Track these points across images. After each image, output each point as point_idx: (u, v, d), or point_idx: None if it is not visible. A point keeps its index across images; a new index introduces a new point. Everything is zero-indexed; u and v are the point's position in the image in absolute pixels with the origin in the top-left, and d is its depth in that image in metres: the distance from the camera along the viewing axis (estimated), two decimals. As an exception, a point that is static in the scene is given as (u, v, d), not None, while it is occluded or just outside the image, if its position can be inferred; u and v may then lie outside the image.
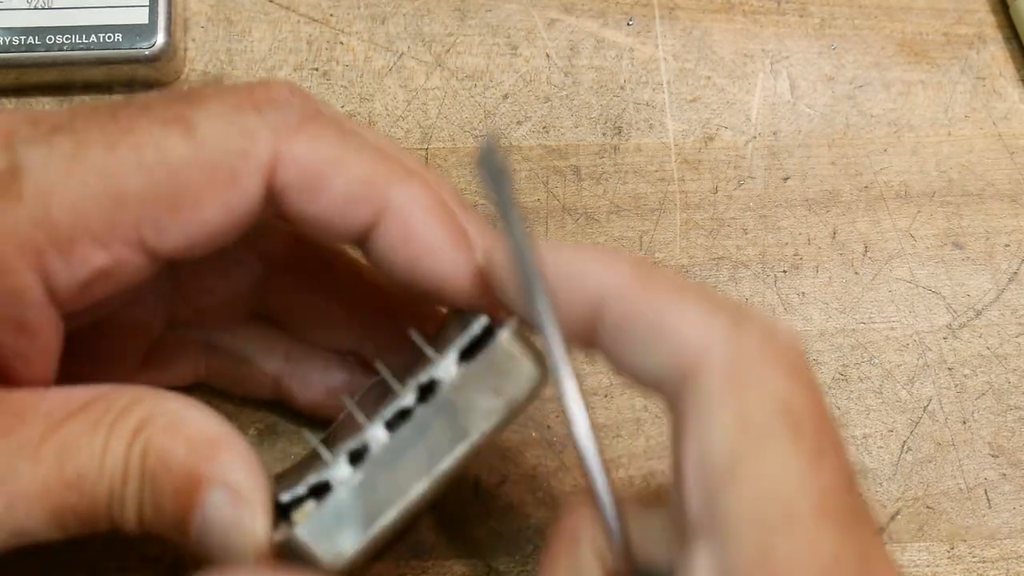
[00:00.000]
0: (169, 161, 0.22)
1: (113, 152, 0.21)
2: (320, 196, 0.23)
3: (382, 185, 0.23)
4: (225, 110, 0.22)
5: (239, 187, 0.22)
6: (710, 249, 0.34)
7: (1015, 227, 0.35)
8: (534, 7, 0.37)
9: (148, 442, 0.22)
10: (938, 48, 0.38)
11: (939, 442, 0.31)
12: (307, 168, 0.22)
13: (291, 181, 0.22)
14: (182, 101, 0.23)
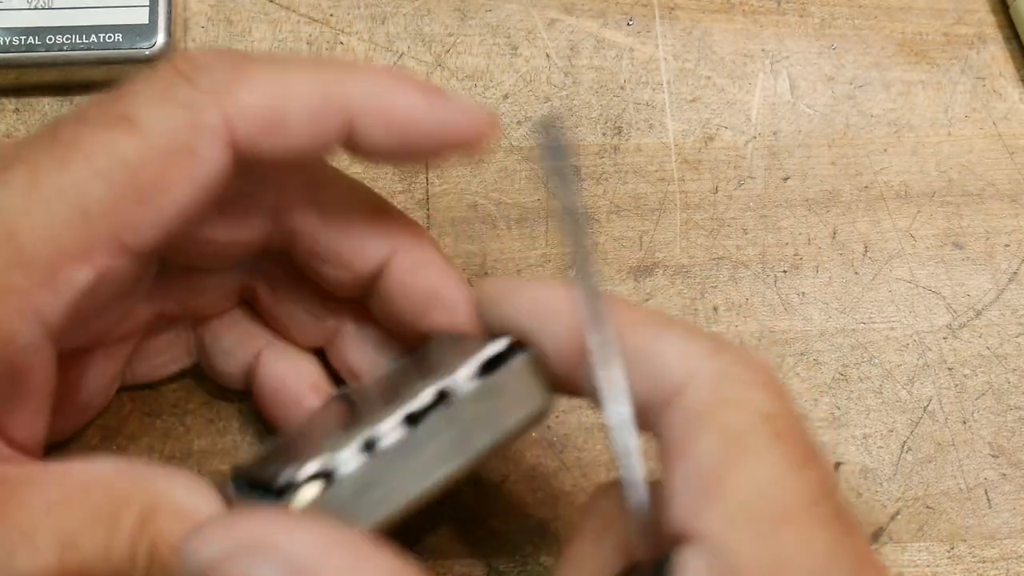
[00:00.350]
0: (124, 160, 0.22)
1: (67, 169, 0.21)
2: (287, 130, 0.23)
3: (337, 87, 0.23)
4: (159, 93, 0.22)
5: (200, 159, 0.22)
6: (710, 249, 0.34)
7: (1015, 227, 0.35)
8: (534, 7, 0.37)
9: (158, 535, 0.21)
10: (938, 48, 0.38)
11: (939, 442, 0.31)
12: (261, 111, 0.23)
13: (252, 130, 0.23)
14: (114, 101, 0.22)
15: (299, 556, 0.19)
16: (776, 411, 0.21)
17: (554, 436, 0.31)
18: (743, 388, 0.21)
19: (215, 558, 0.19)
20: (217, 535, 0.20)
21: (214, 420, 0.30)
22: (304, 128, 0.23)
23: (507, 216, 0.34)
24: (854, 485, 0.30)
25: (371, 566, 0.19)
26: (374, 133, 0.23)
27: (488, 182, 0.34)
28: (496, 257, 0.33)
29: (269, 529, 0.19)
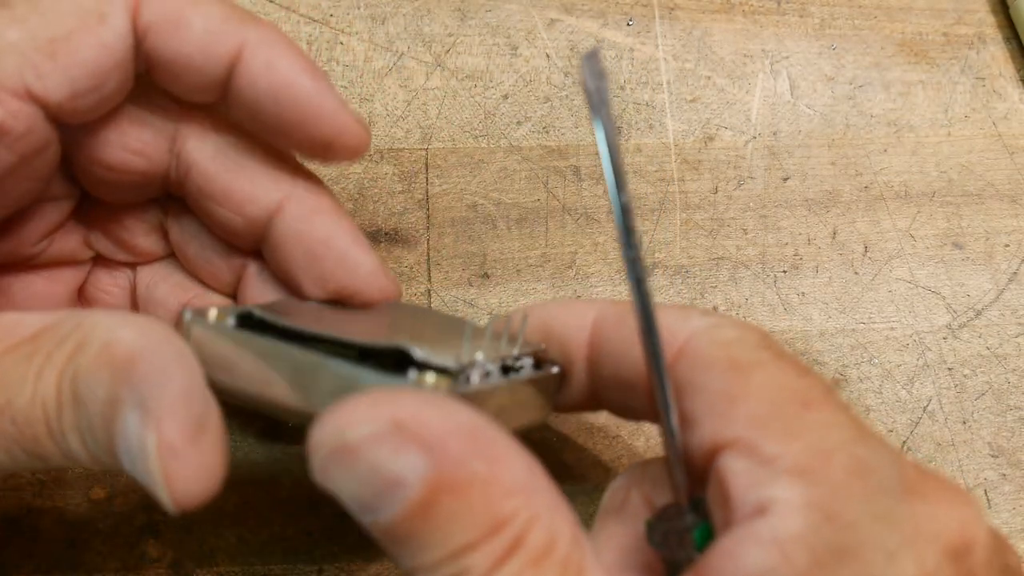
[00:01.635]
0: (41, 10, 0.23)
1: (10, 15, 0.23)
2: (181, 32, 0.24)
3: (238, 21, 0.25)
4: None
5: (108, 25, 0.24)
6: (710, 249, 0.34)
7: (1015, 227, 0.35)
8: (534, 7, 0.37)
9: (77, 368, 0.21)
10: (938, 48, 0.38)
11: (939, 442, 0.31)
12: (168, 6, 0.24)
13: (154, 20, 0.24)
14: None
15: (447, 447, 0.19)
16: (769, 341, 0.23)
17: (554, 436, 0.31)
18: (738, 330, 0.23)
19: (361, 437, 0.19)
20: (362, 413, 0.19)
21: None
22: (197, 40, 0.24)
23: (507, 216, 0.34)
24: (854, 485, 0.30)
25: (513, 464, 0.19)
26: (256, 80, 0.25)
27: (488, 182, 0.34)
28: (496, 257, 0.33)
29: (419, 414, 0.19)
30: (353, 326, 0.24)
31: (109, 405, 0.20)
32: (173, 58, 0.25)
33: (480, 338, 0.24)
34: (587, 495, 0.30)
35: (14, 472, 0.23)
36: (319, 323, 0.24)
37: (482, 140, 0.35)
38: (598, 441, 0.31)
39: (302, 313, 0.25)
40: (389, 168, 0.34)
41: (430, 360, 0.22)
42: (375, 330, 0.24)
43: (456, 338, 0.24)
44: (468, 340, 0.23)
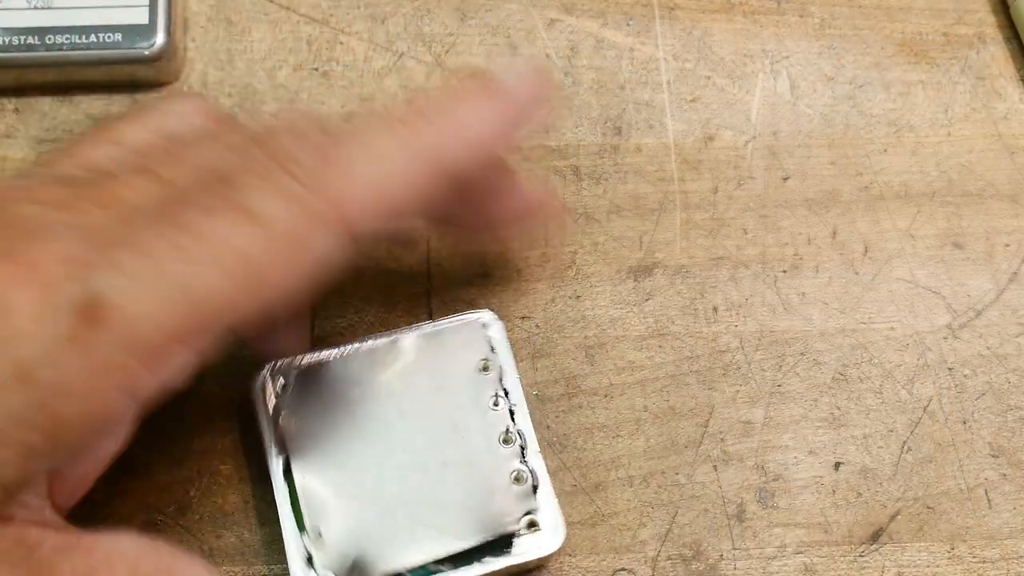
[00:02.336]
0: (243, 253, 0.22)
1: (188, 261, 0.22)
2: (391, 205, 0.24)
3: (428, 154, 0.24)
4: (267, 184, 0.23)
5: (313, 247, 0.23)
6: (710, 249, 0.34)
7: (1015, 227, 0.35)
8: (534, 7, 0.37)
9: None
10: (938, 48, 0.38)
11: (939, 442, 0.31)
12: (366, 201, 0.23)
13: (359, 216, 0.23)
14: (226, 190, 0.23)
15: None
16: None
17: (554, 436, 0.31)
18: None
19: None
20: None
21: (214, 419, 0.30)
22: (408, 200, 0.24)
23: (507, 216, 0.34)
24: (854, 485, 0.30)
25: None
26: (475, 163, 0.25)
27: (488, 182, 0.34)
28: (496, 257, 0.33)
29: None
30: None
31: None
32: (382, 227, 0.24)
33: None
34: (587, 495, 0.30)
35: None
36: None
37: (482, 140, 0.35)
38: (598, 441, 0.31)
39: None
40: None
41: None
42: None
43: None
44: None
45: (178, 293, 0.21)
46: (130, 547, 0.23)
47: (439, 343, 0.29)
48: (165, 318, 0.21)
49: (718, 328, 0.32)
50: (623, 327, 0.32)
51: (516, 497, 0.28)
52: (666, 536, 0.29)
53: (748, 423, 0.31)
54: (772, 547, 0.29)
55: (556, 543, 0.28)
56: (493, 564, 0.27)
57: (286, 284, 0.23)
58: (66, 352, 0.21)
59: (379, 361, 0.29)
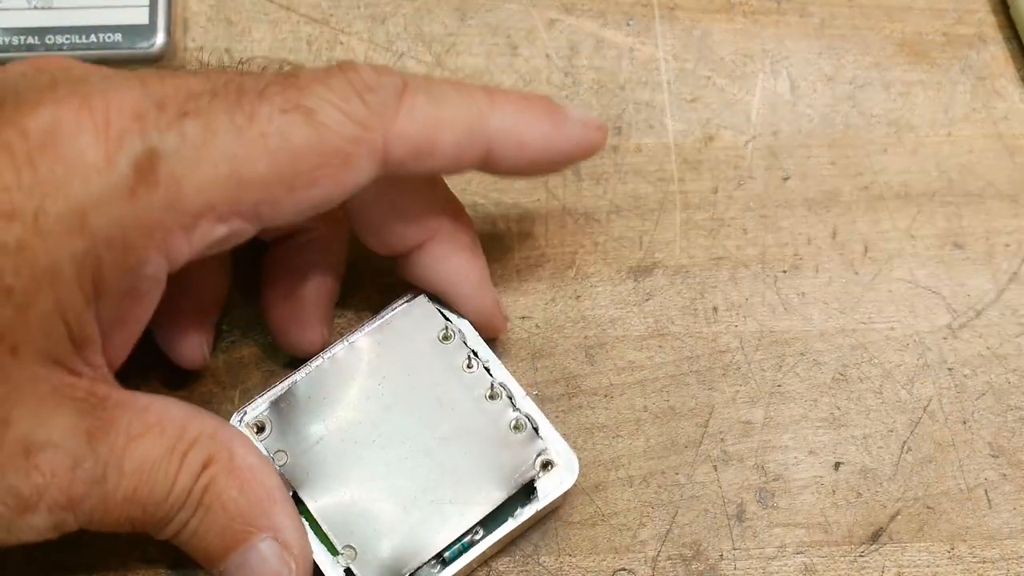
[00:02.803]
0: (292, 147, 0.23)
1: (240, 139, 0.23)
2: (434, 156, 0.26)
3: (480, 120, 0.26)
4: (336, 100, 0.24)
5: (353, 168, 0.24)
6: (710, 249, 0.34)
7: (1015, 227, 0.35)
8: (534, 7, 0.37)
9: (212, 480, 0.25)
10: (938, 48, 0.38)
11: (939, 442, 0.31)
12: (416, 139, 0.25)
13: (404, 155, 0.25)
14: (293, 88, 0.24)
15: None
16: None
17: (554, 436, 0.31)
18: None
19: None
20: None
21: (214, 420, 0.30)
22: (449, 155, 0.26)
23: (507, 216, 0.34)
24: (854, 485, 0.30)
25: None
26: (508, 157, 0.27)
27: (488, 182, 0.34)
28: (496, 257, 0.33)
29: None
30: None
31: (239, 523, 0.25)
32: (428, 173, 0.27)
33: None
34: (587, 495, 0.30)
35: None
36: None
37: (482, 140, 0.35)
38: (598, 441, 0.31)
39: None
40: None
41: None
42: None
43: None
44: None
45: (227, 168, 0.23)
46: (178, 412, 0.25)
47: (393, 331, 0.29)
48: (211, 189, 0.23)
49: (718, 328, 0.32)
50: (623, 327, 0.32)
51: (522, 444, 0.28)
52: (666, 536, 0.29)
53: (748, 423, 0.31)
54: (772, 547, 0.29)
55: (573, 474, 0.28)
56: (524, 514, 0.28)
57: (321, 192, 0.24)
58: (119, 203, 0.22)
59: (343, 369, 0.29)
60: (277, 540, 0.25)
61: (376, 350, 0.29)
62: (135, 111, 0.22)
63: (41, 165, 0.21)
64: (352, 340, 0.29)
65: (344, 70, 0.25)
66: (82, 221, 0.21)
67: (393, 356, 0.29)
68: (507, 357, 0.31)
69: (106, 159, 0.22)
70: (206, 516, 0.25)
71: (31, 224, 0.21)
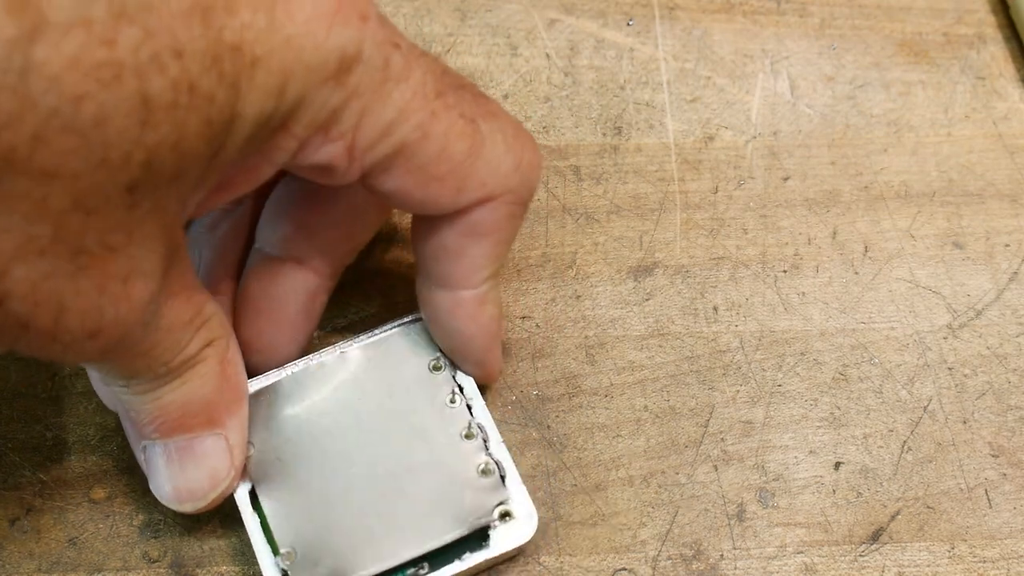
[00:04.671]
0: (448, 151, 0.25)
1: (418, 112, 0.24)
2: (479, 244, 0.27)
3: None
4: (499, 139, 0.26)
5: (461, 199, 0.26)
6: (710, 249, 0.34)
7: (1015, 227, 0.35)
8: (534, 7, 0.37)
9: (206, 359, 0.25)
10: (938, 48, 0.38)
11: (939, 442, 0.31)
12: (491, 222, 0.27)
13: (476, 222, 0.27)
14: (482, 112, 0.25)
15: None
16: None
17: (554, 436, 0.31)
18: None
19: None
20: None
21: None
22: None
23: (507, 216, 0.34)
24: (854, 485, 0.30)
25: None
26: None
27: (488, 182, 0.34)
28: (496, 257, 0.33)
29: None
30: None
31: (202, 411, 0.26)
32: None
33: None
34: (587, 495, 0.30)
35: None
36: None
37: (482, 140, 0.35)
38: (598, 441, 0.31)
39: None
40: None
41: None
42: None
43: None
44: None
45: (392, 119, 0.24)
46: (199, 283, 0.25)
47: (386, 349, 0.29)
48: (368, 124, 0.23)
49: (718, 328, 0.32)
50: (623, 327, 0.32)
51: (486, 489, 0.28)
52: (666, 536, 0.29)
53: (748, 423, 0.31)
54: (772, 547, 0.29)
55: (530, 530, 0.28)
56: (472, 559, 0.27)
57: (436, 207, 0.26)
58: (310, 82, 0.22)
59: (328, 376, 0.29)
60: (227, 440, 0.26)
61: (364, 365, 0.29)
62: (363, 10, 0.23)
63: (275, 14, 0.21)
64: (344, 350, 0.29)
65: (532, 142, 0.27)
66: (281, 87, 0.21)
67: (379, 375, 0.29)
68: (507, 357, 0.31)
69: (324, 37, 0.22)
70: (182, 387, 0.25)
71: (247, 69, 0.21)
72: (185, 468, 0.26)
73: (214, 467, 0.26)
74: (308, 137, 0.23)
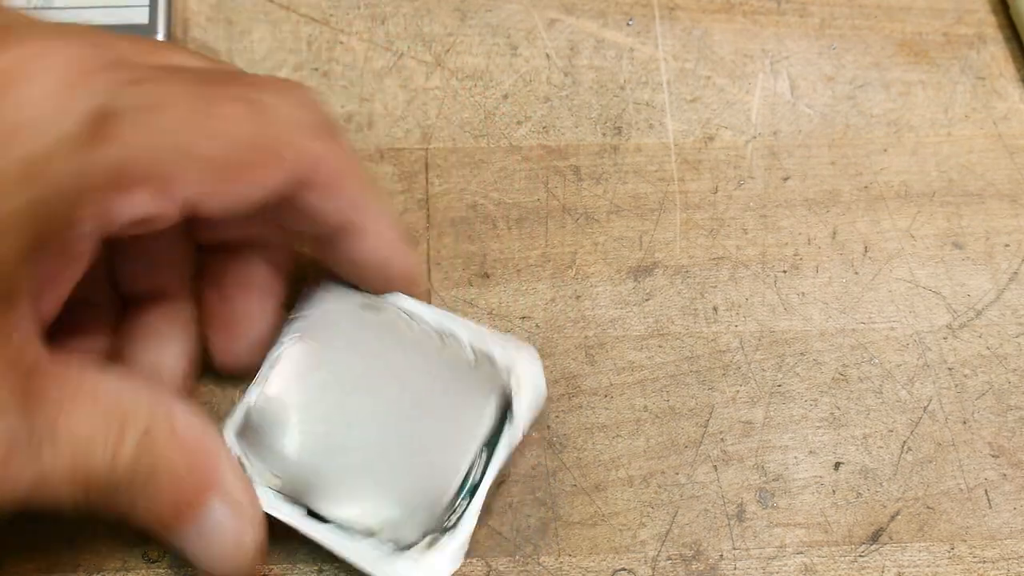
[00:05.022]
0: (238, 137, 0.24)
1: (193, 117, 0.23)
2: (330, 198, 0.26)
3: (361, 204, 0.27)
4: (282, 102, 0.25)
5: (280, 170, 0.25)
6: (710, 249, 0.34)
7: (1015, 227, 0.35)
8: (534, 7, 0.37)
9: (152, 446, 0.24)
10: (938, 48, 0.38)
11: (939, 442, 0.31)
12: (326, 172, 0.25)
13: (311, 179, 0.25)
14: (247, 85, 0.25)
15: None
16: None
17: (554, 436, 0.31)
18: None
19: None
20: None
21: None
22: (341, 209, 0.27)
23: (507, 216, 0.34)
24: (854, 485, 0.30)
25: None
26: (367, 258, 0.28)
27: (488, 182, 0.34)
28: (496, 257, 0.33)
29: None
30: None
31: (187, 488, 0.24)
32: (309, 214, 0.26)
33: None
34: (587, 495, 0.30)
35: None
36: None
37: (482, 140, 0.35)
38: (598, 441, 0.31)
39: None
40: (389, 168, 0.34)
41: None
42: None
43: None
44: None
45: (174, 141, 0.23)
46: (111, 378, 0.24)
47: (317, 323, 0.29)
48: (157, 158, 0.23)
49: (718, 328, 0.32)
50: (623, 327, 0.32)
51: (487, 376, 0.28)
52: (666, 536, 0.29)
53: (748, 423, 0.31)
54: (772, 547, 0.29)
55: (537, 367, 0.28)
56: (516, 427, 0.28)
57: (248, 188, 0.24)
58: (71, 155, 0.21)
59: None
60: (227, 501, 0.25)
61: (315, 349, 0.29)
62: (93, 64, 0.22)
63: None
64: (289, 342, 0.29)
65: (297, 88, 0.26)
66: (34, 170, 0.21)
67: (331, 352, 0.29)
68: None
69: (62, 108, 0.21)
70: (151, 483, 0.24)
71: None
72: (211, 546, 0.25)
73: (236, 532, 0.25)
74: (104, 202, 0.22)
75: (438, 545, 0.26)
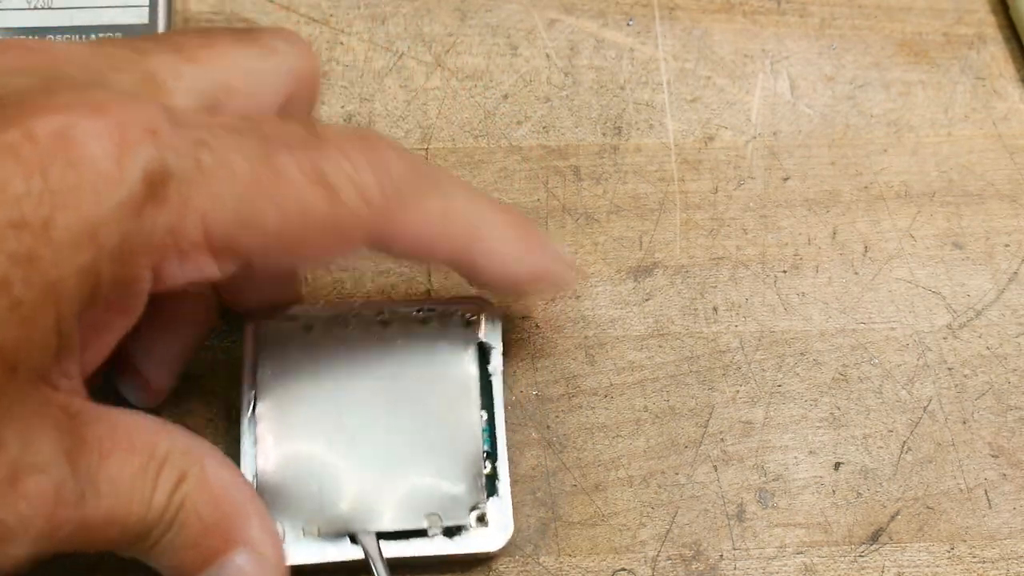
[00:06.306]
0: (307, 216, 0.24)
1: (257, 186, 0.23)
2: (421, 259, 0.29)
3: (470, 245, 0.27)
4: (356, 177, 0.24)
5: (350, 246, 0.25)
6: (710, 249, 0.34)
7: (1015, 227, 0.35)
8: (534, 7, 0.37)
9: (186, 496, 0.24)
10: (938, 48, 0.38)
11: (939, 442, 0.31)
12: (415, 244, 0.26)
13: (399, 251, 0.26)
14: (315, 148, 0.24)
15: None
16: None
17: (554, 436, 0.31)
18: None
19: None
20: None
21: (213, 420, 0.30)
22: (431, 260, 0.29)
23: (507, 216, 0.34)
24: (854, 485, 0.30)
25: None
26: (476, 277, 0.28)
27: (488, 182, 0.34)
28: (496, 257, 0.33)
29: None
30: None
31: (215, 537, 0.24)
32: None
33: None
34: (587, 495, 0.30)
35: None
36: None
37: (482, 140, 0.35)
38: (598, 441, 0.31)
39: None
40: (389, 168, 0.34)
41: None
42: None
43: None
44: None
45: (235, 208, 0.23)
46: (148, 427, 0.24)
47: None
48: (215, 223, 0.22)
49: (718, 328, 0.32)
50: (623, 327, 0.32)
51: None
52: (666, 536, 0.29)
53: (748, 423, 0.31)
54: (772, 547, 0.29)
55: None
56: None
57: (312, 258, 0.25)
58: (128, 217, 0.21)
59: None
60: (251, 554, 0.25)
61: (285, 393, 0.29)
62: (150, 125, 0.22)
63: (52, 173, 0.21)
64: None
65: (370, 145, 0.25)
66: (91, 233, 0.21)
67: (301, 388, 0.29)
68: (507, 357, 0.31)
69: (119, 170, 0.21)
70: (181, 532, 0.24)
71: (41, 234, 0.20)
72: None
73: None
74: (159, 262, 0.22)
75: (488, 516, 0.28)
